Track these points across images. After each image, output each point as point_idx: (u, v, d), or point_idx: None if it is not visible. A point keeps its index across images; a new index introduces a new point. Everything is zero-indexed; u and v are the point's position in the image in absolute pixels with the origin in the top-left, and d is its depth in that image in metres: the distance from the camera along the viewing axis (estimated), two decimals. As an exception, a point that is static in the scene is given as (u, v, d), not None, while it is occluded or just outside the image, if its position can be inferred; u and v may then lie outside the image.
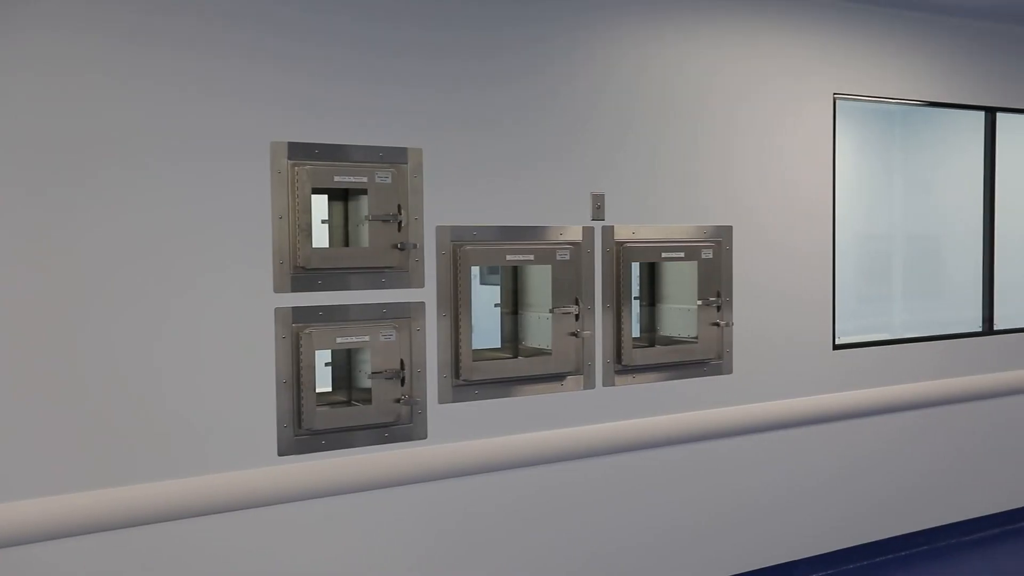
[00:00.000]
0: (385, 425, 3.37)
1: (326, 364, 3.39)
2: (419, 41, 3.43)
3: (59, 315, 2.87)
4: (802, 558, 4.45)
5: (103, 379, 2.93)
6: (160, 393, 3.01)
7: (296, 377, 3.20)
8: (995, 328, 5.11)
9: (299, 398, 3.20)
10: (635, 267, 3.97)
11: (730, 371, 4.16)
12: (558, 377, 3.73)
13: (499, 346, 3.82)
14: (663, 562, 4.06)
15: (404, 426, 3.41)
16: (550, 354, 3.68)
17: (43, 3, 2.83)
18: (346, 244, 3.40)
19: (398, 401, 3.37)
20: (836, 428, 4.51)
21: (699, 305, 4.02)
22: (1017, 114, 5.15)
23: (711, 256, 4.06)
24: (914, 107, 4.87)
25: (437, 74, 3.46)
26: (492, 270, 3.92)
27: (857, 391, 4.55)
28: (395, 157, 3.37)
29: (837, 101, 4.48)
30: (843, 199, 4.58)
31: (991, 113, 5.07)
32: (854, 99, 4.56)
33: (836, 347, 4.52)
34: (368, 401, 3.34)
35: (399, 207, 3.35)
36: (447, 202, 3.49)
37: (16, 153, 2.80)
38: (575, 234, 3.76)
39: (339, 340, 3.28)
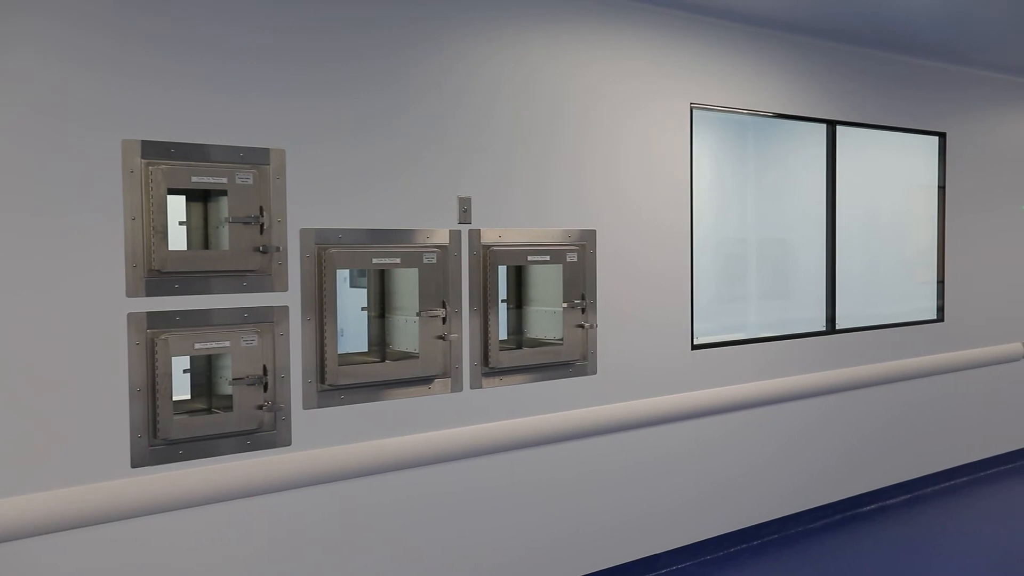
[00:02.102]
0: (247, 432, 3.29)
1: (184, 371, 3.28)
2: (280, 43, 3.36)
3: None
4: (664, 551, 4.62)
5: (-66, 391, 2.74)
6: (2, 402, 2.84)
7: (151, 385, 3.08)
8: (837, 327, 5.46)
9: (154, 407, 3.08)
10: (502, 270, 4.02)
11: (594, 372, 4.27)
12: (426, 380, 3.73)
13: (366, 350, 3.80)
14: (531, 561, 4.12)
15: (267, 433, 3.34)
16: (417, 357, 3.68)
17: None
18: (206, 247, 3.30)
19: (261, 408, 3.29)
20: (695, 425, 4.70)
21: (564, 308, 4.11)
22: (854, 127, 5.52)
23: (576, 259, 4.16)
24: (764, 118, 5.15)
25: (300, 76, 3.41)
26: (360, 273, 3.89)
27: (714, 389, 4.77)
28: (257, 158, 3.29)
29: (694, 110, 4.68)
30: (700, 204, 4.79)
31: (831, 126, 5.42)
32: (709, 109, 4.78)
33: (694, 347, 4.72)
34: (229, 408, 3.25)
35: (261, 209, 3.28)
36: (312, 204, 3.44)
37: None
38: (442, 237, 3.78)
39: (198, 346, 3.17)
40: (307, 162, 3.42)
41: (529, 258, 4.04)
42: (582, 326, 4.18)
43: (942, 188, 6.12)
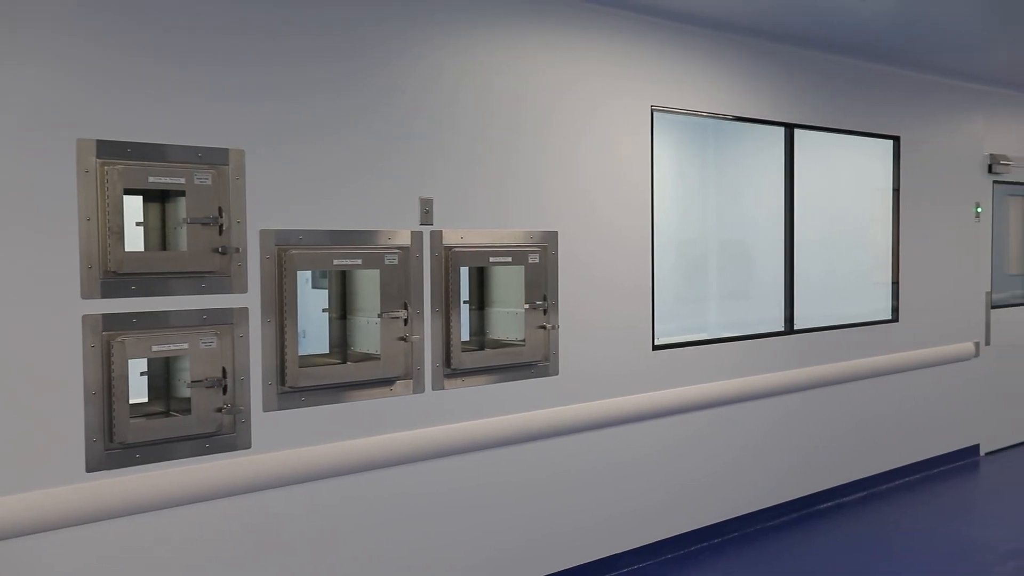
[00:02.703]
0: (206, 435, 3.25)
1: (141, 373, 3.23)
2: (240, 45, 3.33)
3: None
4: (626, 550, 4.65)
5: None
6: (-51, 409, 2.78)
7: (107, 388, 3.03)
8: (795, 328, 5.54)
9: (110, 410, 3.04)
10: (464, 271, 4.02)
11: (556, 373, 4.29)
12: (387, 382, 3.72)
13: (327, 351, 3.77)
14: (494, 562, 4.13)
15: (227, 436, 3.31)
16: (379, 359, 3.67)
17: None
18: (164, 248, 3.26)
19: (220, 410, 3.26)
20: (656, 425, 4.74)
21: (526, 309, 4.13)
22: (811, 130, 5.61)
23: (537, 261, 4.18)
24: (724, 121, 5.21)
25: (260, 78, 3.38)
26: (322, 274, 3.87)
27: (675, 389, 4.81)
28: (215, 158, 3.26)
29: (654, 112, 4.72)
30: (661, 206, 4.83)
31: (789, 129, 5.50)
32: (670, 112, 4.82)
33: (655, 348, 4.76)
34: (188, 411, 3.21)
35: (220, 210, 3.24)
36: (272, 205, 3.41)
37: None
38: (404, 238, 3.77)
39: (155, 348, 3.13)
40: (267, 163, 3.39)
41: (491, 259, 4.05)
42: (544, 327, 4.20)
43: (896, 190, 6.24)
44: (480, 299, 4.24)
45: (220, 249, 3.24)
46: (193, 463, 3.23)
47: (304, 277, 3.68)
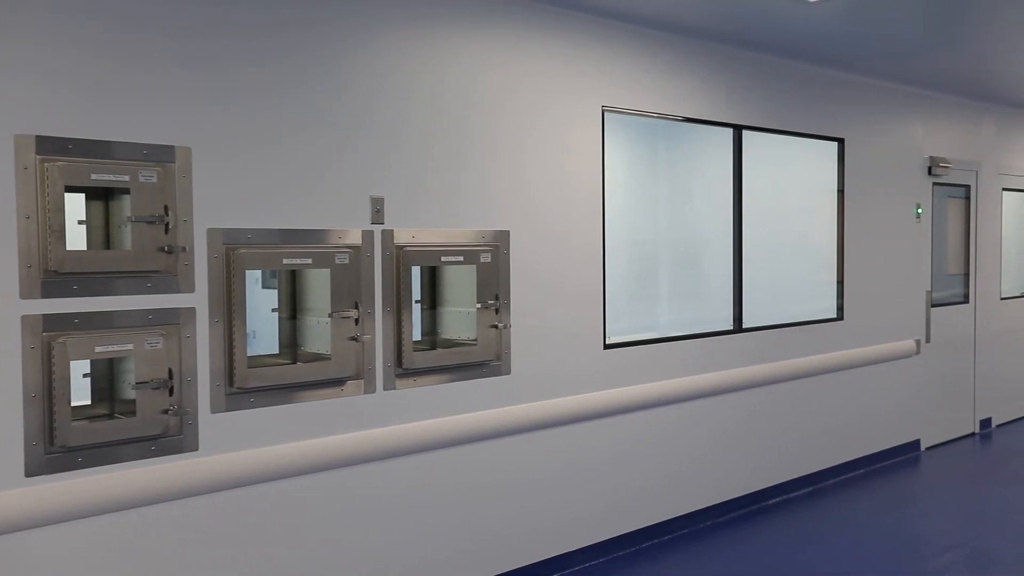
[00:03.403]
0: (152, 438, 3.19)
1: (84, 375, 3.16)
2: (189, 43, 3.27)
3: None
4: (577, 548, 4.67)
5: None
6: None
7: (48, 390, 2.95)
8: (744, 327, 5.63)
9: (51, 413, 2.96)
10: (415, 271, 4.00)
11: (508, 372, 4.30)
12: (338, 382, 3.69)
13: (277, 352, 3.73)
14: (446, 562, 4.12)
15: (173, 438, 3.25)
16: (330, 359, 3.64)
17: None
18: (108, 247, 3.18)
19: (166, 412, 3.20)
20: (608, 424, 4.78)
21: (478, 308, 4.12)
22: (759, 132, 5.70)
23: (489, 260, 4.18)
24: (675, 122, 5.27)
25: (208, 75, 3.32)
26: (272, 274, 3.82)
27: (626, 388, 4.85)
28: (161, 155, 3.20)
29: (605, 113, 4.75)
30: (613, 206, 4.87)
31: (738, 130, 5.59)
32: (621, 112, 4.86)
33: (607, 347, 4.79)
34: (132, 413, 3.14)
35: (166, 208, 3.18)
36: (220, 204, 3.36)
37: None
38: (354, 237, 3.74)
39: (99, 349, 3.06)
40: (215, 161, 3.34)
41: (443, 258, 4.04)
42: (496, 326, 4.20)
43: (841, 192, 6.37)
44: (432, 298, 4.23)
45: (166, 248, 3.18)
46: (138, 466, 3.17)
47: (254, 277, 3.62)
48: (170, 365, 3.21)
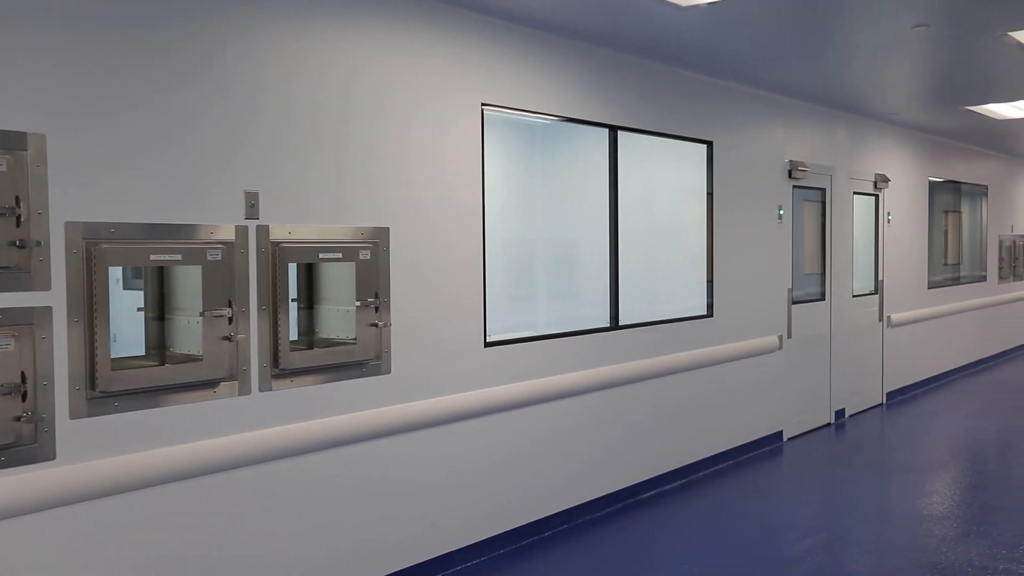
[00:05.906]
0: (3, 447, 2.95)
1: (-77, 381, 2.89)
2: (50, 34, 3.05)
3: None
4: (459, 548, 4.64)
5: None
6: None
7: None
8: (620, 323, 5.74)
9: None
10: (292, 268, 3.87)
11: (388, 371, 4.22)
12: (210, 384, 3.52)
13: (144, 353, 3.52)
14: (326, 565, 4.00)
15: (26, 447, 3.01)
16: (201, 360, 3.47)
17: None
18: (-51, 240, 2.93)
19: (19, 419, 2.97)
20: (489, 421, 4.77)
21: (357, 306, 4.03)
22: (633, 132, 5.84)
23: (369, 257, 4.09)
24: (552, 122, 5.32)
25: (66, 53, 3.10)
26: (137, 273, 3.60)
27: (506, 385, 4.86)
28: (11, 143, 2.96)
29: (484, 110, 4.75)
30: (492, 205, 4.86)
31: (613, 131, 5.70)
32: (500, 110, 4.87)
33: (487, 345, 4.78)
34: (-20, 421, 2.90)
35: (17, 199, 2.95)
36: (79, 196, 3.14)
37: None
38: (227, 233, 3.58)
39: (-60, 352, 2.81)
40: (73, 150, 3.12)
41: (320, 256, 3.93)
42: (376, 325, 4.12)
43: (710, 194, 6.61)
44: (309, 297, 4.10)
45: (18, 242, 2.95)
46: (-13, 478, 2.92)
47: (115, 276, 3.41)
48: (23, 368, 2.98)
